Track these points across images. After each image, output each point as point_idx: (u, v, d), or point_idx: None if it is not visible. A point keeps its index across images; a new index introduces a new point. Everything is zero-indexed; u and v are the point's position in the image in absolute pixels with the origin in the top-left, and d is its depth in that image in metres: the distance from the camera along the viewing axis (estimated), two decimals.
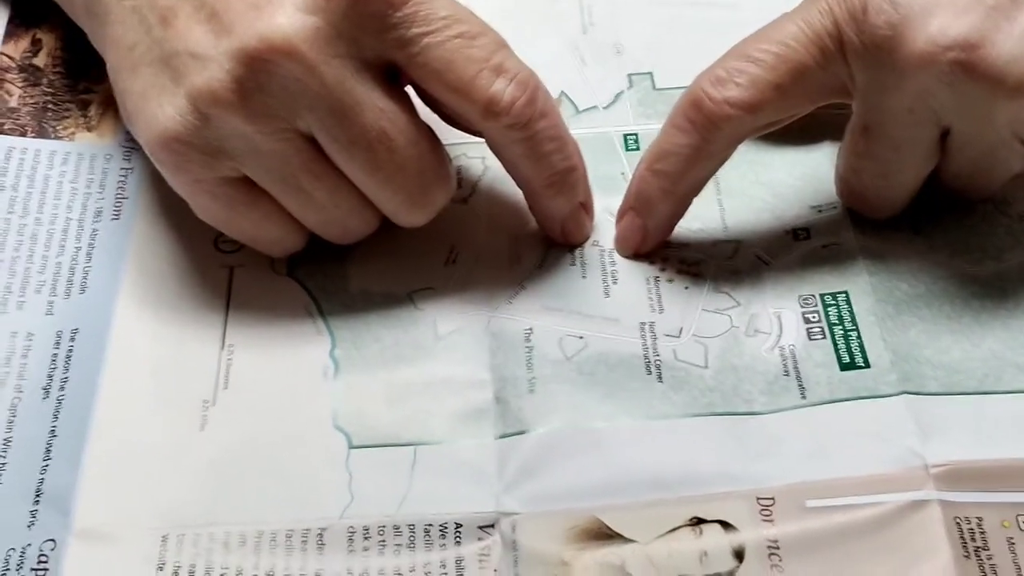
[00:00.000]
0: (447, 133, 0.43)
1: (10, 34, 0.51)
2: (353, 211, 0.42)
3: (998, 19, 0.38)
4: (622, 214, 0.45)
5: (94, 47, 0.44)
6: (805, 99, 0.42)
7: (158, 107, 0.40)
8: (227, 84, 0.38)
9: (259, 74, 0.38)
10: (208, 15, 0.39)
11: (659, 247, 0.45)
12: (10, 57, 0.50)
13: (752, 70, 0.41)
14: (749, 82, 0.41)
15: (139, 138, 0.41)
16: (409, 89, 0.42)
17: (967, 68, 0.38)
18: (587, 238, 0.46)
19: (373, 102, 0.40)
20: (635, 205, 0.45)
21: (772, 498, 0.38)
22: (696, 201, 0.46)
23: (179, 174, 0.41)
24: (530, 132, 0.41)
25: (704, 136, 0.42)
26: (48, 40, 0.50)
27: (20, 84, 0.49)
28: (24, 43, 0.50)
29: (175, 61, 0.39)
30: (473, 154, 0.48)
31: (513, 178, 0.44)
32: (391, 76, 0.41)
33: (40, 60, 0.50)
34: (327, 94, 0.39)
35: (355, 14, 0.39)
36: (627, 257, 0.45)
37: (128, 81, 0.41)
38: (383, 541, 0.39)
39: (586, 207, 0.45)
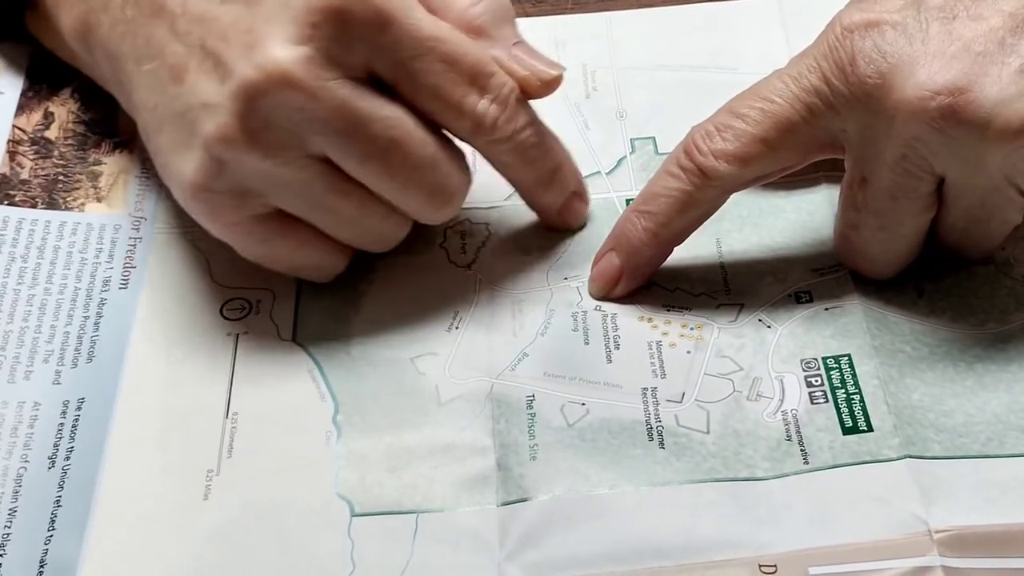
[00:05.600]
0: None
1: (23, 107, 0.52)
2: (384, 218, 0.44)
3: (986, 65, 0.39)
4: (601, 255, 0.46)
5: (125, 113, 0.46)
6: (794, 153, 0.43)
7: (182, 161, 0.41)
8: (234, 126, 0.40)
9: (262, 108, 0.40)
10: (213, 64, 0.40)
11: (631, 295, 0.45)
12: (22, 130, 0.51)
13: (739, 125, 0.42)
14: (735, 136, 0.42)
15: (172, 192, 0.43)
16: None
17: (955, 112, 0.38)
18: (583, 222, 0.48)
19: (377, 113, 0.41)
20: (616, 246, 0.45)
21: (774, 565, 0.38)
22: (698, 265, 0.46)
23: (213, 220, 0.43)
24: (515, 143, 0.44)
25: (694, 183, 0.43)
26: (60, 113, 0.51)
27: (32, 156, 0.50)
28: (36, 116, 0.51)
29: (190, 115, 0.41)
30: (477, 220, 0.48)
31: (505, 178, 0.46)
32: (383, 86, 0.42)
33: (52, 133, 0.51)
34: (331, 116, 0.40)
35: (344, 38, 0.40)
36: (597, 299, 0.46)
37: (156, 139, 0.43)
38: None
39: (578, 194, 0.47)
